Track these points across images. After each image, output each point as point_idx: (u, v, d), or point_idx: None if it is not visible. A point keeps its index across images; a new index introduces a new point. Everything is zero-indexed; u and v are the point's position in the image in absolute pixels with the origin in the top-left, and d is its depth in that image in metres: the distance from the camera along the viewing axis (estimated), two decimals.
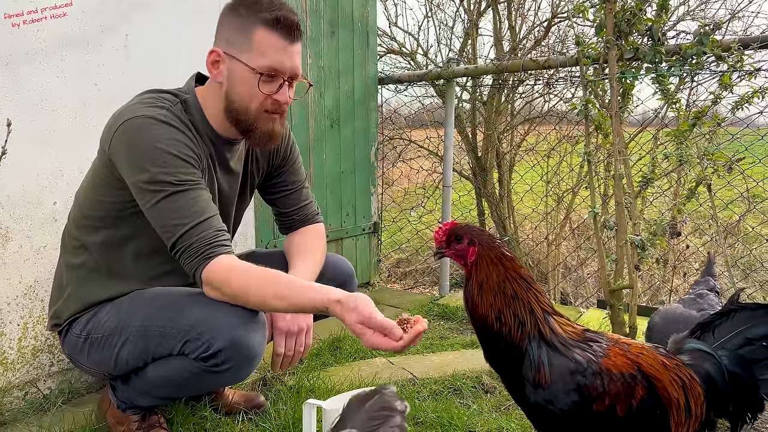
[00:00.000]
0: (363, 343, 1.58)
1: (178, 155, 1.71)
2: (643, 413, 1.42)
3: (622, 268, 3.18)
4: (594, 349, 1.45)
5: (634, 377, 1.43)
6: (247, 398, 2.34)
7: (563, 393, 1.39)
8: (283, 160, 2.20)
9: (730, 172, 3.25)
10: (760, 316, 1.51)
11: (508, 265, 1.45)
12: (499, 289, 1.43)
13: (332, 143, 3.80)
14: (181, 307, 1.78)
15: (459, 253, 1.49)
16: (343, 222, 3.94)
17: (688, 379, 1.48)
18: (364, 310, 1.55)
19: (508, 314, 1.42)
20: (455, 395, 2.56)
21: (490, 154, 5.49)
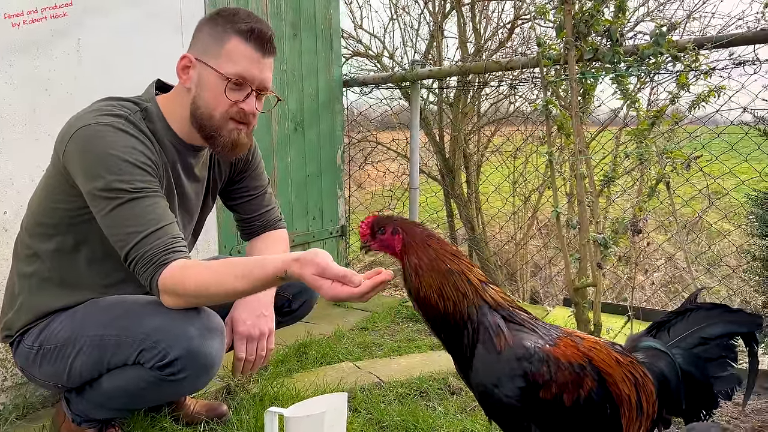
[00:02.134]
0: (323, 296, 1.55)
1: (134, 162, 1.67)
2: (592, 406, 1.42)
3: (585, 266, 3.21)
4: (541, 332, 1.46)
5: (583, 368, 1.44)
6: (209, 408, 2.29)
7: (508, 378, 1.39)
8: (245, 165, 2.18)
9: (688, 169, 3.32)
10: (716, 315, 1.53)
11: (436, 246, 1.47)
12: (433, 268, 1.44)
13: (297, 147, 3.77)
14: (136, 316, 1.74)
15: (385, 243, 1.50)
16: (309, 226, 3.91)
17: (641, 376, 1.49)
18: (321, 261, 1.53)
19: (449, 289, 1.43)
20: (421, 398, 2.55)
21: (458, 156, 5.52)
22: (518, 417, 1.42)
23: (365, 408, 2.42)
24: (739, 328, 1.50)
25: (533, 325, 1.48)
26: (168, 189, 1.86)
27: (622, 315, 3.53)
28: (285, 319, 2.27)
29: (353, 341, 3.23)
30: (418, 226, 1.53)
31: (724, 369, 1.51)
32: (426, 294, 1.44)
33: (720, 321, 1.51)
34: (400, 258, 1.49)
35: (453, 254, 1.48)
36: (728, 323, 1.50)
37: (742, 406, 1.37)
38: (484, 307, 1.44)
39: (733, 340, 1.51)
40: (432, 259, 1.45)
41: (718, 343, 1.51)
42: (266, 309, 2.05)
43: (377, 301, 4.13)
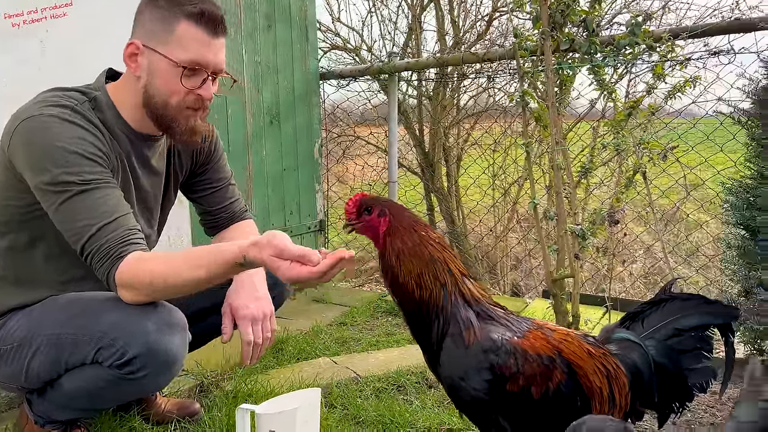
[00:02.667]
0: (281, 278, 1.49)
1: (82, 153, 1.60)
2: (561, 398, 1.40)
3: (563, 257, 3.20)
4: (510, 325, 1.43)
5: (552, 360, 1.42)
6: (180, 406, 2.24)
7: (475, 371, 1.37)
8: (207, 157, 2.11)
9: (664, 159, 3.32)
10: (692, 306, 1.50)
11: (422, 232, 1.44)
12: (416, 254, 1.41)
13: (272, 140, 3.71)
14: (94, 313, 1.67)
15: (370, 224, 1.46)
16: (287, 221, 3.86)
17: (613, 368, 1.47)
18: (278, 242, 1.47)
19: (428, 277, 1.40)
20: (399, 392, 2.52)
21: (437, 149, 5.49)
22: (486, 410, 1.39)
23: (341, 403, 2.38)
24: (715, 320, 1.47)
25: (505, 318, 1.45)
26: (124, 181, 1.79)
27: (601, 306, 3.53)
28: None
29: (331, 336, 3.19)
30: (406, 211, 1.49)
31: (698, 361, 1.49)
32: (404, 280, 1.41)
33: (695, 312, 1.48)
34: (382, 241, 1.45)
35: (438, 242, 1.45)
36: (704, 314, 1.48)
37: (719, 396, 1.35)
38: (459, 300, 1.41)
39: (708, 331, 1.49)
40: (416, 245, 1.42)
41: (693, 335, 1.48)
42: (262, 290, 1.99)
43: (357, 296, 4.09)
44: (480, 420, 1.45)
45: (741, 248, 2.18)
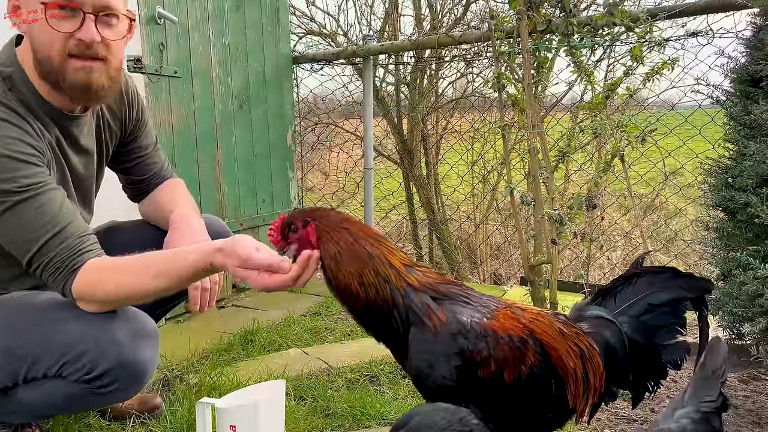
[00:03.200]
0: (253, 287, 1.40)
1: (14, 156, 1.44)
2: (535, 382, 1.32)
3: (541, 243, 3.14)
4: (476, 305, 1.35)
5: (524, 342, 1.34)
6: (141, 401, 2.13)
7: (444, 358, 1.28)
8: (136, 123, 1.95)
9: (643, 143, 3.26)
10: (664, 280, 1.44)
11: (353, 228, 1.36)
12: (353, 254, 1.32)
13: (243, 125, 3.58)
14: (52, 322, 1.54)
15: (300, 239, 1.36)
16: (259, 209, 3.74)
17: (587, 348, 1.40)
18: (242, 251, 1.37)
19: (370, 274, 1.31)
20: (371, 383, 2.44)
21: (416, 137, 5.41)
22: (456, 398, 1.31)
23: (311, 395, 2.29)
24: (689, 293, 1.42)
25: (466, 297, 1.37)
26: (59, 171, 1.64)
27: (580, 293, 3.48)
28: None
29: (304, 327, 3.09)
30: (332, 211, 1.41)
31: (672, 336, 1.43)
32: (347, 282, 1.32)
33: (668, 286, 1.43)
34: (317, 249, 1.36)
35: (373, 237, 1.36)
36: (677, 288, 1.42)
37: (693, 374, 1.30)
38: (408, 290, 1.32)
39: (681, 305, 1.43)
40: (350, 244, 1.33)
41: (667, 310, 1.42)
42: (203, 234, 1.87)
43: None
44: None
45: (719, 230, 2.12)
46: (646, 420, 2.14)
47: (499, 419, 1.34)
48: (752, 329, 1.82)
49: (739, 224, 2.06)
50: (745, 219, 2.01)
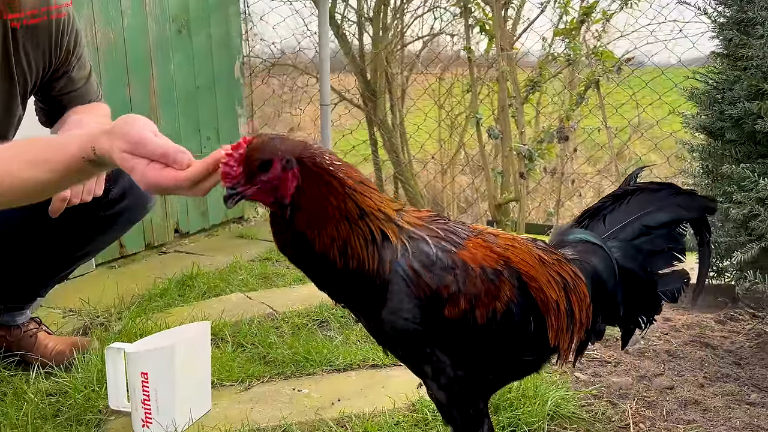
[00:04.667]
0: (138, 183, 1.10)
1: None
2: (511, 319, 1.08)
3: (508, 180, 2.91)
4: (447, 235, 1.09)
5: (498, 274, 1.09)
6: (74, 344, 1.87)
7: (404, 295, 1.02)
8: (67, 55, 1.72)
9: (618, 72, 3.03)
10: (662, 199, 1.22)
11: (343, 175, 1.01)
12: (341, 214, 1.00)
13: (182, 53, 3.22)
14: None
15: (272, 186, 0.99)
16: (203, 147, 3.41)
17: (571, 277, 1.15)
18: (134, 133, 1.07)
19: (356, 242, 1.01)
20: (320, 328, 2.20)
21: (380, 77, 5.07)
22: (420, 343, 1.06)
23: (252, 342, 2.05)
24: (689, 213, 1.20)
25: (435, 226, 1.10)
26: None
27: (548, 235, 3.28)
28: (110, 214, 1.76)
29: (251, 272, 2.82)
30: (313, 149, 1.02)
31: (669, 264, 1.22)
32: (324, 250, 1.00)
33: (667, 205, 1.21)
34: (288, 204, 1.00)
35: (363, 183, 1.04)
36: (676, 207, 1.20)
37: (692, 303, 1.10)
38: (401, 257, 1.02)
39: (681, 228, 1.21)
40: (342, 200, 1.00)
41: (664, 233, 1.20)
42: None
43: None
44: (412, 356, 1.12)
45: (705, 153, 1.90)
46: (620, 362, 1.95)
47: (471, 365, 1.10)
48: (742, 256, 1.61)
49: (727, 144, 1.84)
50: (735, 138, 1.79)
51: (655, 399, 1.73)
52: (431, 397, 1.16)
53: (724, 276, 2.29)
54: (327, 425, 1.54)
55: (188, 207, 3.32)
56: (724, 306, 2.56)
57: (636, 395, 1.74)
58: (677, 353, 2.04)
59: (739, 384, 1.84)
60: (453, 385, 1.10)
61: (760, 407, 1.68)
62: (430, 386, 1.12)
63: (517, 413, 1.54)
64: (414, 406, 1.61)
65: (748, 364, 2.00)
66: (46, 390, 1.71)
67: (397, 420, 1.55)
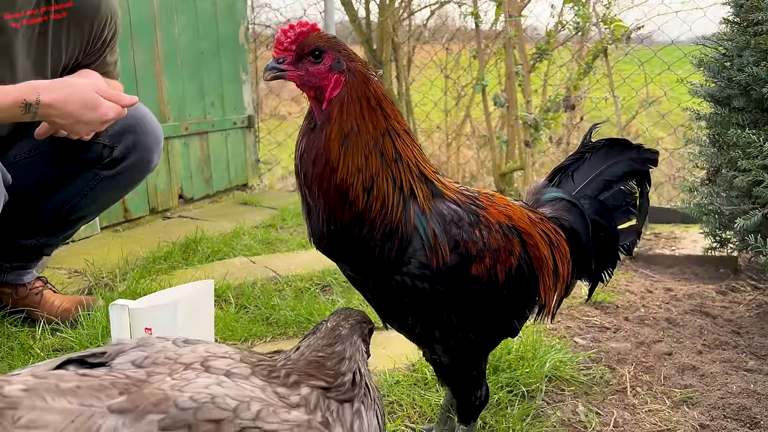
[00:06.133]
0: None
1: None
2: (521, 277, 1.10)
3: (513, 149, 2.89)
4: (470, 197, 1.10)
5: (511, 230, 1.10)
6: (79, 302, 1.90)
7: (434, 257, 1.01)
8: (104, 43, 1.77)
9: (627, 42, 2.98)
10: (617, 154, 1.28)
11: (390, 113, 0.98)
12: (375, 146, 0.95)
13: (187, 16, 3.19)
14: None
15: (312, 78, 0.94)
16: (207, 113, 3.40)
17: (553, 234, 1.17)
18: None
19: (385, 183, 0.95)
20: (323, 292, 2.22)
21: (386, 46, 5.01)
22: (437, 306, 1.05)
23: (254, 304, 2.07)
24: (640, 166, 1.28)
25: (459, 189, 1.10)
26: None
27: None
28: (113, 173, 1.78)
29: (255, 238, 2.83)
30: (370, 71, 0.99)
31: (627, 219, 1.30)
32: (345, 179, 0.94)
33: (621, 160, 1.28)
34: (325, 108, 0.95)
35: (407, 133, 1.01)
36: (629, 161, 1.28)
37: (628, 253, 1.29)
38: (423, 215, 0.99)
39: (630, 181, 1.29)
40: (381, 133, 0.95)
41: (622, 188, 1.28)
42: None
43: (291, 199, 3.72)
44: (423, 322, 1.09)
45: (711, 119, 1.88)
46: (620, 328, 1.97)
47: (482, 326, 1.11)
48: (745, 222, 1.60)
49: (734, 112, 1.82)
50: (743, 105, 1.77)
51: (653, 364, 1.75)
52: (433, 361, 1.17)
53: (727, 247, 2.29)
54: None
55: (192, 173, 3.33)
56: (726, 277, 2.56)
57: (634, 360, 1.76)
58: (677, 321, 2.05)
59: (737, 352, 1.85)
60: (461, 348, 1.10)
61: (757, 374, 1.70)
62: (435, 350, 1.12)
63: (516, 374, 1.56)
64: (413, 366, 1.64)
65: (748, 333, 2.01)
66: (52, 345, 1.74)
67: (397, 379, 1.57)
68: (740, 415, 1.49)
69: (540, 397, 1.53)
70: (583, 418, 1.46)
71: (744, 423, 1.47)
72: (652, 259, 2.69)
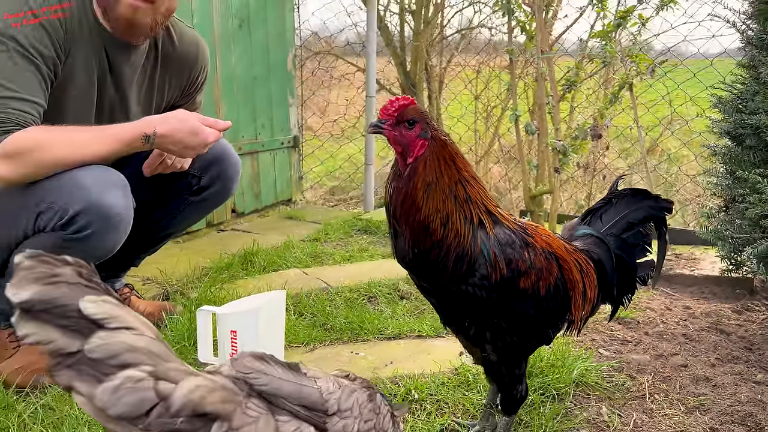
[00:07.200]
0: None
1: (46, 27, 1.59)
2: (557, 294, 1.36)
3: (543, 173, 3.12)
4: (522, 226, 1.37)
5: (551, 255, 1.37)
6: (162, 307, 2.17)
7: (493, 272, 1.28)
8: (197, 87, 2.08)
9: (652, 74, 3.19)
10: (638, 201, 1.54)
11: (461, 166, 1.27)
12: (450, 192, 1.24)
13: (242, 46, 3.48)
14: (21, 189, 1.58)
15: (403, 139, 1.24)
16: (258, 134, 3.69)
17: (584, 263, 1.42)
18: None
19: (458, 219, 1.24)
20: (369, 302, 2.47)
21: (419, 69, 5.28)
22: (490, 312, 1.31)
23: (311, 312, 2.32)
24: (657, 213, 1.52)
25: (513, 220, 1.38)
26: (86, 88, 1.74)
27: None
28: (199, 199, 2.08)
29: (303, 251, 3.10)
30: (447, 137, 1.29)
31: (644, 255, 1.54)
32: (426, 217, 1.23)
33: (642, 206, 1.53)
34: (411, 165, 1.24)
35: (474, 178, 1.30)
36: (648, 208, 1.52)
37: (651, 286, 1.60)
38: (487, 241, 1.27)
39: (648, 224, 1.54)
40: (454, 182, 1.24)
41: (642, 229, 1.52)
42: None
43: (332, 214, 4.00)
44: (477, 324, 1.35)
45: (726, 156, 2.09)
46: (640, 342, 2.18)
47: (523, 332, 1.37)
48: (753, 251, 1.81)
49: (746, 150, 2.03)
50: (754, 144, 1.98)
51: (669, 375, 1.95)
52: (483, 359, 1.42)
53: (742, 269, 2.48)
54: (383, 382, 1.80)
55: (244, 189, 3.61)
56: (742, 297, 2.74)
57: (653, 371, 1.97)
58: (693, 337, 2.25)
59: (748, 366, 2.04)
60: (507, 348, 1.36)
61: (765, 386, 1.89)
62: (485, 349, 1.38)
63: (547, 379, 1.78)
64: (456, 370, 1.87)
65: (759, 349, 2.19)
66: None
67: (442, 381, 1.80)
68: (747, 421, 1.69)
69: (568, 400, 1.75)
70: (606, 419, 1.68)
71: (750, 428, 1.67)
72: (673, 279, 2.88)
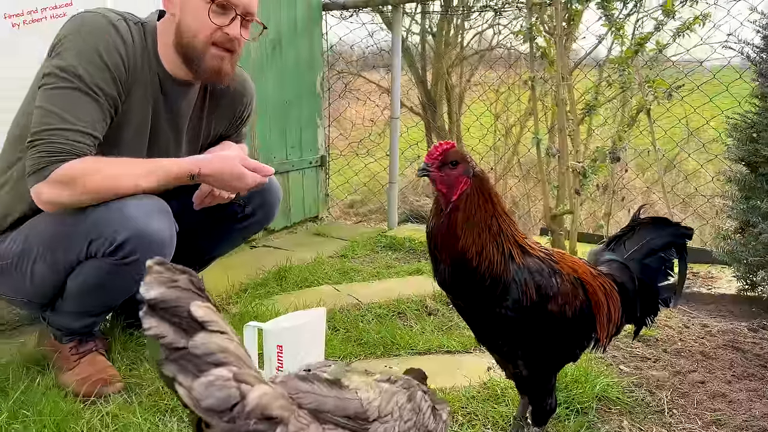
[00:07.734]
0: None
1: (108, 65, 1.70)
2: (582, 315, 1.48)
3: (564, 194, 3.23)
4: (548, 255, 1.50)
5: (576, 281, 1.50)
6: None
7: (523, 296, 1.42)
8: (243, 120, 2.22)
9: (669, 99, 3.30)
10: (660, 228, 1.66)
11: (496, 201, 1.43)
12: (485, 225, 1.39)
13: (275, 70, 3.66)
14: (76, 213, 1.73)
15: (448, 179, 1.39)
16: (288, 154, 3.85)
17: (609, 287, 1.54)
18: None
19: (492, 250, 1.39)
20: (399, 318, 2.60)
21: (440, 88, 5.44)
22: (523, 331, 1.45)
23: (344, 327, 2.45)
24: (677, 240, 1.64)
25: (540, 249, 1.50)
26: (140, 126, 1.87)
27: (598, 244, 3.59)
28: (244, 225, 2.25)
29: (332, 267, 3.24)
30: (486, 175, 1.45)
31: (666, 278, 1.66)
32: (464, 247, 1.38)
33: (663, 234, 1.64)
34: (453, 201, 1.39)
35: (507, 214, 1.45)
36: (669, 235, 1.64)
37: (672, 307, 1.67)
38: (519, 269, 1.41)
39: (670, 250, 1.65)
40: (490, 216, 1.39)
41: (663, 254, 1.64)
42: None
43: (357, 231, 4.14)
44: (510, 343, 1.49)
45: (740, 182, 2.21)
46: (659, 359, 2.28)
47: (553, 350, 1.51)
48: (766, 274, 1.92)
49: (760, 177, 2.14)
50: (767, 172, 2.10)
51: (687, 391, 2.06)
52: (515, 374, 1.55)
53: (757, 289, 2.58)
54: None
55: None
56: (758, 315, 2.83)
57: (671, 387, 2.07)
58: (710, 354, 2.35)
59: (763, 383, 2.14)
60: (538, 365, 1.50)
61: None
62: (517, 365, 1.52)
63: (572, 394, 1.90)
64: (486, 384, 1.99)
65: None
66: None
67: (473, 394, 1.93)
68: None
69: (591, 414, 1.86)
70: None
71: None
72: (691, 297, 2.98)
